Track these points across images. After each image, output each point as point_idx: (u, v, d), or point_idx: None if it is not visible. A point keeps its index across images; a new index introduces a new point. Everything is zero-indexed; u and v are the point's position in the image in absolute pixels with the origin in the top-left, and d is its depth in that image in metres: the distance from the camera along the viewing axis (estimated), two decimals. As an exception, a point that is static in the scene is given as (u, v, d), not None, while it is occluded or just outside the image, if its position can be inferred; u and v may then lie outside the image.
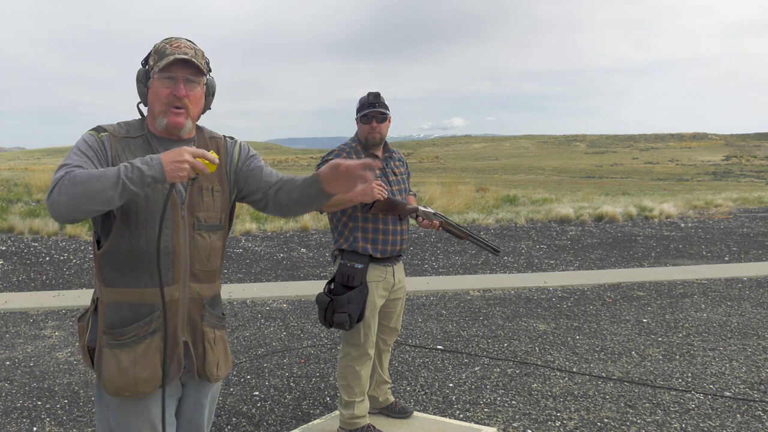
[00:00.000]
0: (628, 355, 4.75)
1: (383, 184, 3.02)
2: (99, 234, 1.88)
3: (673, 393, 3.99)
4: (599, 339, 5.15)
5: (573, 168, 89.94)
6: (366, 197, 2.96)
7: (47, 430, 3.47)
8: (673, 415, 3.65)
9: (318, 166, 3.16)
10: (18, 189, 16.25)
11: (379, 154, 3.20)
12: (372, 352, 3.19)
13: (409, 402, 3.86)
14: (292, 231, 11.56)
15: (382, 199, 2.98)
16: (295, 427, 3.46)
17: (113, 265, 1.84)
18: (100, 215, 1.81)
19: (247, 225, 11.29)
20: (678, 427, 3.50)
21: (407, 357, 4.70)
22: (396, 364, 4.52)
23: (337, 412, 3.50)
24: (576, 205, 15.53)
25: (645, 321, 5.69)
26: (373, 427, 3.22)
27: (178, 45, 1.85)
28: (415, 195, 3.43)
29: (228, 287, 6.94)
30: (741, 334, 5.29)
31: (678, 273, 7.95)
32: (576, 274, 7.93)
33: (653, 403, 3.83)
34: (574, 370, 4.42)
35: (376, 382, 3.44)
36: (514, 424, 3.53)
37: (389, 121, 3.16)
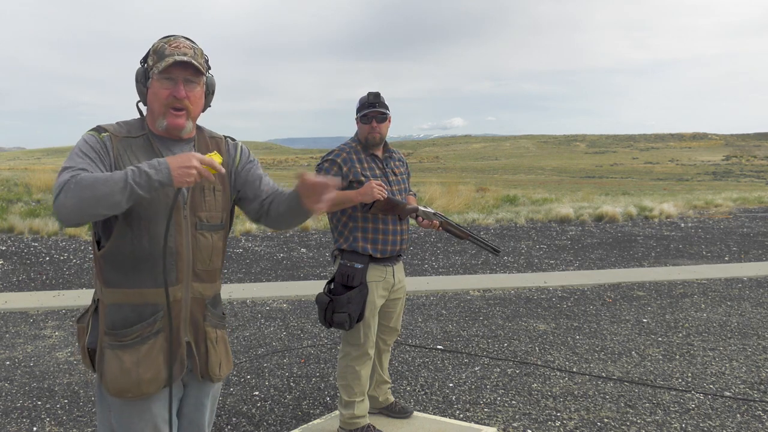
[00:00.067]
0: (628, 355, 4.75)
1: (383, 184, 3.02)
2: (99, 234, 1.86)
3: (673, 393, 3.99)
4: (599, 339, 5.15)
5: (573, 168, 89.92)
6: (366, 197, 2.96)
7: (47, 430, 3.47)
8: (673, 415, 3.66)
9: (318, 166, 3.17)
10: (18, 189, 16.25)
11: (379, 154, 3.20)
12: (372, 352, 3.19)
13: (409, 402, 3.86)
14: (292, 231, 11.55)
15: (382, 199, 2.98)
16: (295, 427, 3.46)
17: (114, 265, 1.83)
18: None
19: (247, 225, 11.29)
20: (678, 427, 3.50)
21: (407, 357, 4.70)
22: (396, 364, 4.52)
23: (337, 412, 3.50)
24: (576, 205, 15.53)
25: (645, 321, 5.69)
26: (373, 427, 3.22)
27: (177, 45, 1.83)
28: (415, 195, 3.43)
29: (228, 287, 6.94)
30: (741, 334, 5.29)
31: (678, 273, 7.95)
32: (576, 274, 7.93)
33: (653, 403, 3.83)
34: (574, 370, 4.42)
35: (376, 382, 3.44)
36: (514, 424, 3.53)
37: (389, 121, 3.16)
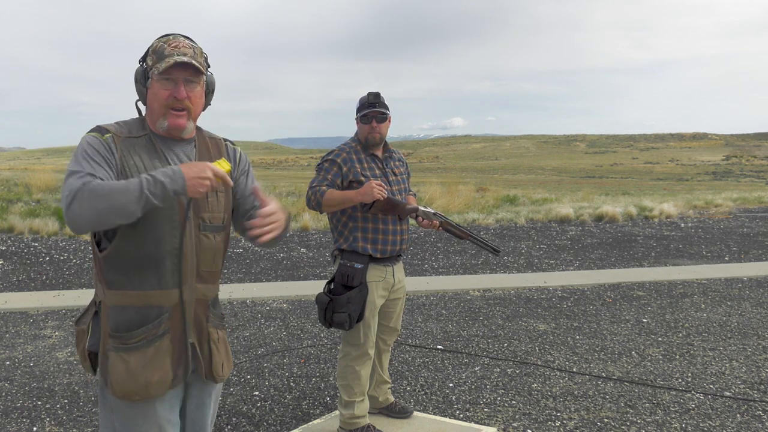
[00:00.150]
0: (628, 355, 4.75)
1: (383, 184, 3.02)
2: (100, 236, 1.83)
3: (673, 393, 3.99)
4: (599, 339, 5.15)
5: (573, 168, 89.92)
6: (366, 197, 2.96)
7: (47, 430, 3.47)
8: (673, 415, 3.65)
9: (318, 165, 3.17)
10: (18, 189, 16.27)
11: (379, 154, 3.20)
12: (372, 352, 3.19)
13: (409, 402, 3.86)
14: (292, 231, 11.55)
15: (382, 199, 2.98)
16: (295, 427, 3.46)
17: (117, 267, 1.81)
18: None
19: (247, 225, 11.29)
20: (678, 427, 3.50)
21: (407, 357, 4.70)
22: (396, 364, 4.52)
23: (337, 412, 3.49)
24: (576, 205, 15.53)
25: (645, 321, 5.69)
26: (373, 427, 3.22)
27: (176, 45, 1.81)
28: (415, 195, 3.43)
29: (228, 287, 6.94)
30: (741, 334, 5.29)
31: (678, 273, 7.95)
32: (576, 274, 7.93)
33: (653, 403, 3.83)
34: (574, 370, 4.42)
35: (376, 382, 3.44)
36: (514, 424, 3.53)
37: (389, 121, 3.16)
